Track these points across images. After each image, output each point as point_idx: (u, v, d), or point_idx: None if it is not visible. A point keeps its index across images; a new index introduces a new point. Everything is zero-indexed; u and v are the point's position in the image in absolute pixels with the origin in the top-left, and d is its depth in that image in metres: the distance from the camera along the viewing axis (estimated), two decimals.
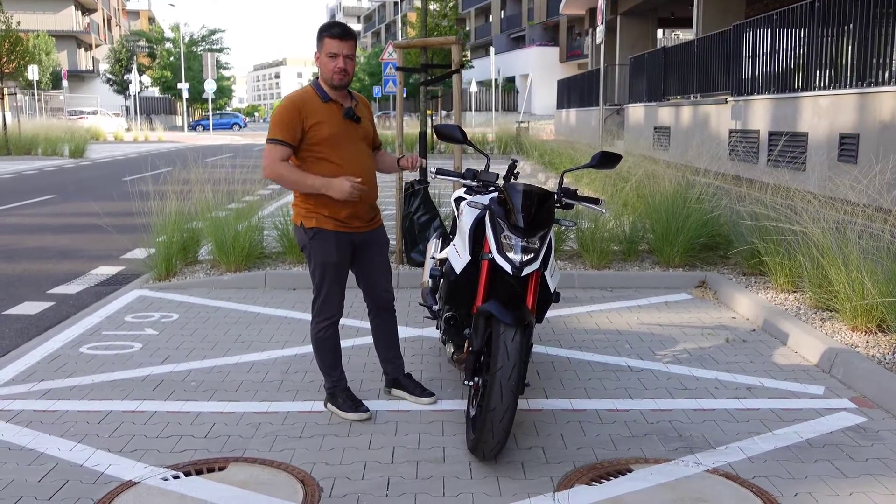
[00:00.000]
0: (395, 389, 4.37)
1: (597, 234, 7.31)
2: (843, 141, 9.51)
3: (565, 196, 3.91)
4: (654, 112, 18.18)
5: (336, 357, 4.13)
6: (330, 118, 3.85)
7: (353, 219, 3.96)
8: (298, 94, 3.90)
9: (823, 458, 3.58)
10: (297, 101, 3.84)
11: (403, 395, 4.33)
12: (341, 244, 3.94)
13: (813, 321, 5.47)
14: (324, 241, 3.91)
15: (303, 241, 3.98)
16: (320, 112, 3.84)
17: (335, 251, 3.92)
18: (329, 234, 3.90)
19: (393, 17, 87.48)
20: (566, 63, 53.37)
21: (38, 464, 3.51)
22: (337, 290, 4.01)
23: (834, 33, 10.09)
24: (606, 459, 3.58)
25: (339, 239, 3.93)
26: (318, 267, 3.95)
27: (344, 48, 3.81)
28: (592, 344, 5.32)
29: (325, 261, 3.93)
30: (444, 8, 29.64)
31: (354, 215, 3.95)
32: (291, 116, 3.80)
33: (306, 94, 3.88)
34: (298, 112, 3.81)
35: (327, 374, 4.13)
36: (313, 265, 3.98)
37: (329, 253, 3.92)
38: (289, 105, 3.83)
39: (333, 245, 3.92)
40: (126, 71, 56.37)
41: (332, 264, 3.94)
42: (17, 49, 26.16)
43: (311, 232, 3.91)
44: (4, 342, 5.65)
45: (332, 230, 3.91)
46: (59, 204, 13.79)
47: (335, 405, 4.10)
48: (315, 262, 3.96)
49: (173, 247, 7.17)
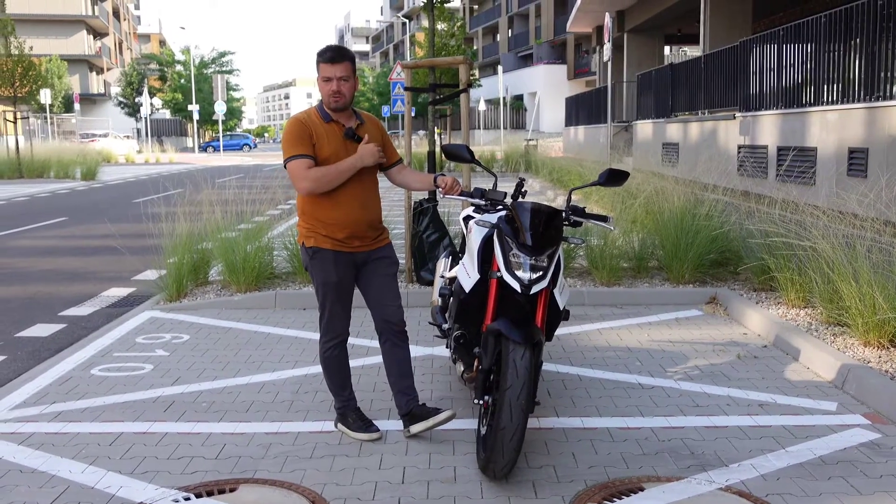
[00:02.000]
0: (415, 426, 3.99)
1: (606, 251, 7.31)
2: (851, 155, 9.48)
3: (573, 214, 3.92)
4: (662, 128, 18.20)
5: (344, 377, 4.13)
6: (330, 138, 3.91)
7: (353, 238, 3.95)
8: (303, 114, 4.00)
9: (837, 474, 3.55)
10: (303, 119, 3.94)
11: (425, 425, 3.97)
12: (340, 264, 3.94)
13: (825, 336, 5.43)
14: (322, 261, 3.93)
15: (305, 261, 4.03)
16: (321, 132, 3.92)
17: (334, 271, 3.93)
18: (328, 254, 3.93)
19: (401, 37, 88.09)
20: (574, 80, 53.55)
21: (50, 486, 3.52)
22: (340, 310, 4.02)
23: (841, 48, 10.09)
24: (618, 478, 3.56)
25: (338, 259, 3.93)
26: (320, 286, 3.98)
27: (336, 71, 3.85)
28: (603, 361, 5.30)
29: (325, 280, 3.95)
30: (451, 27, 29.81)
31: (354, 235, 3.94)
32: (301, 132, 3.88)
33: (309, 115, 3.98)
34: (307, 127, 3.90)
35: (336, 393, 4.13)
36: (315, 285, 4.02)
37: (328, 272, 3.93)
38: (296, 123, 3.92)
39: (332, 264, 3.92)
40: (137, 94, 56.93)
41: (332, 283, 3.95)
42: (29, 73, 26.48)
43: (310, 251, 3.95)
44: (17, 364, 5.68)
45: (331, 249, 3.93)
46: (71, 226, 13.90)
47: (345, 425, 4.10)
48: (316, 282, 3.99)
49: (184, 268, 7.21)
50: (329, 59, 3.87)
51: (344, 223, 3.90)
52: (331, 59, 3.86)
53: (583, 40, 50.91)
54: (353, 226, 3.92)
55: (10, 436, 4.10)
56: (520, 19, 64.72)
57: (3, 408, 4.51)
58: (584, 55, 52.57)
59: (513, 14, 64.93)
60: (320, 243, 3.92)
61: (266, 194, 8.80)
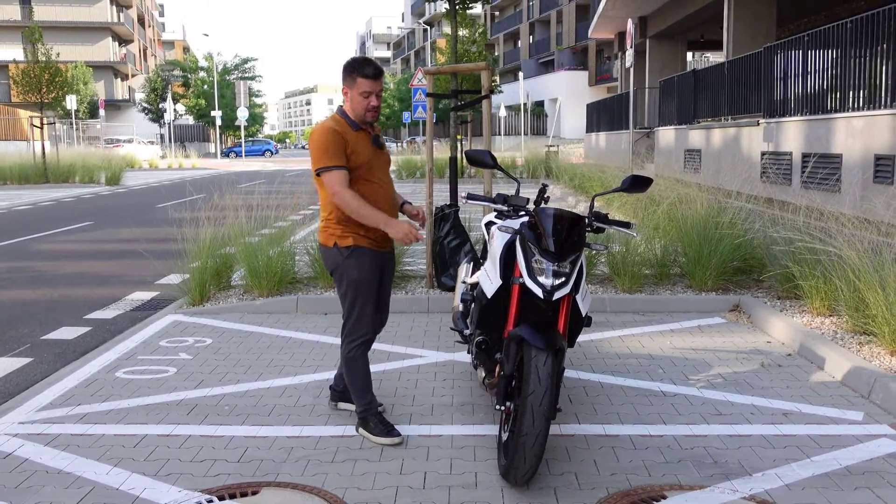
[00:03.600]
0: (343, 403, 4.48)
1: (628, 258, 7.28)
2: (878, 162, 9.38)
3: (596, 220, 3.91)
4: (684, 135, 18.10)
5: (366, 379, 4.16)
6: (362, 146, 4.00)
7: (384, 240, 4.12)
8: (334, 122, 4.02)
9: (863, 485, 3.51)
10: (337, 129, 3.96)
11: (350, 407, 4.43)
12: (375, 263, 4.08)
13: (850, 345, 5.37)
14: (360, 259, 4.02)
15: (335, 262, 4.05)
16: (354, 139, 3.98)
17: (369, 269, 4.05)
18: (365, 252, 4.03)
19: (422, 44, 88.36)
20: (595, 87, 53.43)
21: (76, 487, 3.56)
22: (370, 309, 4.11)
23: (867, 54, 10.00)
24: (640, 486, 3.54)
25: (374, 257, 4.06)
26: (353, 284, 4.03)
27: (376, 87, 3.99)
28: (625, 368, 5.28)
29: (361, 277, 4.02)
30: (473, 34, 29.88)
31: (384, 237, 4.09)
32: (338, 142, 3.92)
33: (340, 123, 4.01)
34: (342, 137, 3.94)
35: (359, 396, 4.15)
36: (346, 285, 4.04)
37: (365, 270, 4.03)
38: (332, 133, 3.94)
39: (369, 262, 4.04)
40: (161, 100, 57.51)
41: (367, 281, 4.05)
42: (56, 80, 26.91)
43: (346, 251, 4.00)
44: (43, 367, 5.75)
45: (368, 248, 4.03)
46: (95, 230, 14.05)
47: (367, 429, 4.11)
48: (349, 281, 4.03)
49: (207, 272, 7.26)
50: (372, 74, 3.97)
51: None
52: (374, 76, 3.97)
53: (604, 46, 50.78)
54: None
55: (36, 437, 4.15)
56: (541, 25, 64.70)
57: (29, 409, 4.57)
58: (605, 61, 52.44)
59: (534, 20, 64.94)
60: (359, 242, 4.01)
61: (289, 199, 8.87)
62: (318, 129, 4.00)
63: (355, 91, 3.97)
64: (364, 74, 3.96)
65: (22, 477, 3.66)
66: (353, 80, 3.97)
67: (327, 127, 3.97)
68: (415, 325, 6.41)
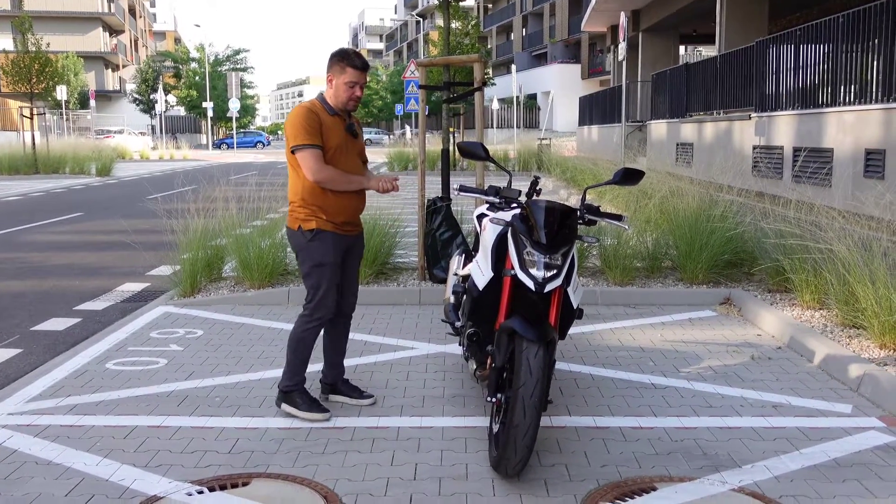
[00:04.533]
0: (334, 395, 4.50)
1: (620, 251, 7.29)
2: (868, 156, 9.42)
3: (588, 212, 3.92)
4: (676, 128, 18.13)
5: (307, 359, 4.30)
6: (336, 130, 4.14)
7: (348, 224, 4.23)
8: (311, 104, 4.17)
9: (852, 477, 3.53)
10: (314, 109, 4.11)
11: (343, 399, 4.47)
12: (338, 246, 4.19)
13: (840, 338, 5.40)
14: (323, 242, 4.13)
15: (299, 244, 4.17)
16: (329, 123, 4.12)
17: (332, 252, 4.15)
18: (328, 236, 4.14)
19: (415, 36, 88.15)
20: (588, 80, 53.42)
21: (65, 478, 3.55)
22: (333, 291, 4.22)
23: (859, 49, 10.02)
24: (630, 477, 3.55)
25: (337, 241, 4.17)
26: (316, 267, 4.14)
27: (362, 79, 4.16)
28: (616, 361, 5.29)
29: (324, 260, 4.13)
30: (466, 26, 29.79)
31: (349, 221, 4.23)
32: (314, 122, 4.06)
33: (316, 106, 4.15)
34: (317, 117, 4.08)
35: (294, 373, 4.27)
36: (309, 266, 4.16)
37: (327, 253, 4.14)
38: (308, 112, 4.08)
39: (331, 246, 4.15)
40: (152, 90, 57.19)
41: (329, 264, 4.15)
42: (46, 70, 26.72)
43: (309, 234, 4.12)
44: (32, 358, 5.73)
45: (331, 232, 4.14)
46: (86, 221, 13.99)
47: (293, 405, 4.24)
48: (311, 264, 4.15)
49: (198, 264, 7.24)
50: (360, 66, 4.12)
51: (344, 209, 4.17)
52: (362, 67, 4.13)
53: (597, 39, 50.78)
54: (351, 212, 4.22)
55: (25, 428, 4.13)
56: (534, 18, 64.63)
57: (18, 400, 4.55)
58: (598, 54, 52.44)
59: (527, 13, 64.85)
60: (322, 226, 4.12)
61: (281, 191, 8.84)
62: (294, 110, 4.12)
63: (342, 80, 4.10)
64: (353, 65, 4.10)
65: (11, 468, 3.65)
66: (342, 68, 4.09)
67: (304, 107, 4.11)
68: (406, 317, 6.40)
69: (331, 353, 4.50)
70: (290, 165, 4.14)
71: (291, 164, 4.12)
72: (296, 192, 4.16)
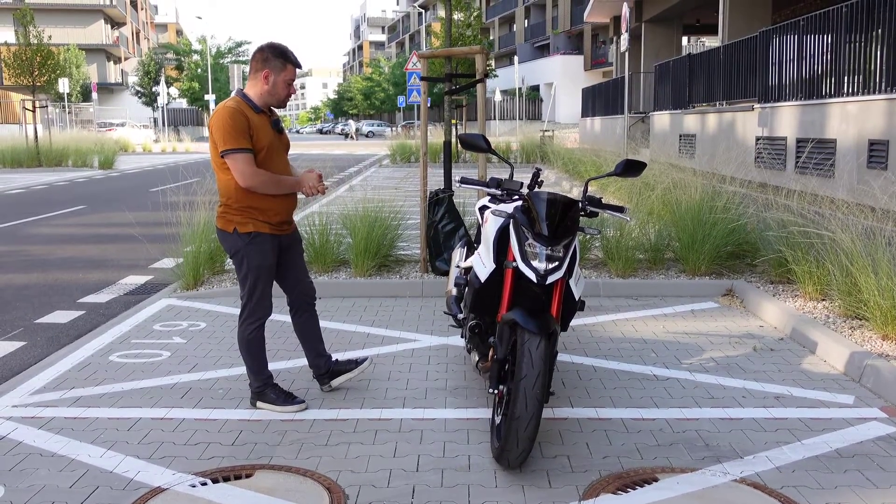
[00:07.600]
0: (336, 380, 4.49)
1: (622, 243, 7.29)
2: (872, 147, 9.39)
3: (590, 204, 3.91)
4: (679, 119, 18.09)
5: (263, 357, 4.30)
6: (264, 129, 4.02)
7: (284, 223, 4.19)
8: (236, 103, 3.99)
9: (853, 468, 3.54)
10: (242, 109, 3.96)
11: (346, 378, 4.48)
12: (275, 247, 4.16)
13: (842, 329, 5.40)
14: (261, 244, 4.08)
15: (236, 247, 4.09)
16: (256, 123, 3.99)
17: (271, 253, 4.13)
18: (265, 238, 4.10)
19: (417, 27, 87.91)
20: (590, 71, 53.27)
21: (70, 470, 3.57)
22: (269, 292, 4.22)
23: (862, 39, 9.98)
24: (632, 468, 3.56)
25: (274, 242, 4.14)
26: (254, 270, 4.10)
27: (295, 77, 4.12)
28: (618, 352, 5.30)
29: (263, 263, 4.11)
30: (468, 18, 29.71)
31: (285, 220, 4.19)
32: (243, 125, 3.93)
33: (242, 105, 3.99)
34: (245, 117, 3.94)
35: (257, 374, 4.27)
36: (246, 269, 4.11)
37: (266, 255, 4.11)
38: (236, 114, 3.92)
39: (269, 247, 4.11)
40: (154, 83, 57.16)
41: (268, 266, 4.14)
42: (48, 63, 26.70)
43: (247, 237, 4.05)
44: (36, 350, 5.75)
45: (269, 233, 4.10)
46: (89, 214, 14.01)
47: (268, 401, 4.24)
48: (250, 266, 4.10)
49: (201, 256, 7.25)
50: (300, 65, 4.10)
51: (279, 209, 4.10)
52: (300, 66, 4.12)
53: (600, 30, 50.59)
54: (286, 211, 4.17)
55: (30, 420, 4.15)
56: (536, 9, 64.40)
57: (23, 393, 4.57)
58: (601, 45, 52.27)
59: (529, 4, 64.62)
60: (259, 228, 4.06)
61: None
62: (219, 110, 3.95)
63: (282, 77, 4.02)
64: (295, 63, 4.06)
65: (16, 460, 3.67)
66: (283, 65, 4.03)
67: (230, 108, 3.93)
68: (409, 310, 6.41)
69: (309, 342, 4.48)
70: (217, 167, 4.01)
71: (220, 167, 3.99)
72: (228, 193, 4.03)
